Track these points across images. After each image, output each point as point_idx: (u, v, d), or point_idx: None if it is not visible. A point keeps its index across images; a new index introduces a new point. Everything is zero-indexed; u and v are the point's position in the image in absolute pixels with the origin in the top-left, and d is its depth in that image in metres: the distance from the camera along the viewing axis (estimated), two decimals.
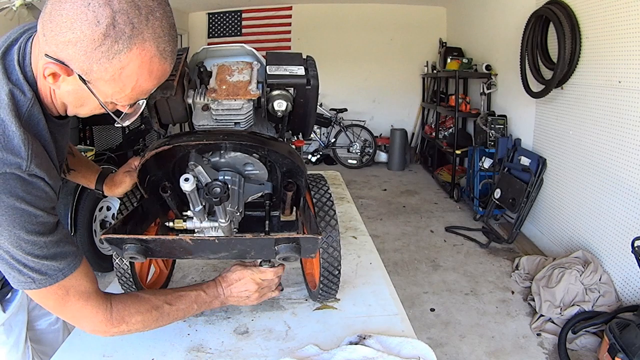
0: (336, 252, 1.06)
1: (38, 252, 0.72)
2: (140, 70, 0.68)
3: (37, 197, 0.71)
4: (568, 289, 2.59)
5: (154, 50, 0.67)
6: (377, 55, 7.15)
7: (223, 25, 7.28)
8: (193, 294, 0.97)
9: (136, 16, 0.64)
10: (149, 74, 0.69)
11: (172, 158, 0.96)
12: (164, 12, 0.68)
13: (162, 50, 0.68)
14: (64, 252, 0.76)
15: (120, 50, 0.64)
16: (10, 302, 1.02)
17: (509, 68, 4.32)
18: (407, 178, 6.29)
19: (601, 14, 2.83)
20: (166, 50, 0.69)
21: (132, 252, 0.84)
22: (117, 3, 0.62)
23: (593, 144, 2.97)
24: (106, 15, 0.62)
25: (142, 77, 0.69)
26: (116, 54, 0.64)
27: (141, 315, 0.87)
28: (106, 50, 0.64)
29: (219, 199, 0.77)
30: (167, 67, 0.72)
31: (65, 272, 0.76)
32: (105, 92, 0.70)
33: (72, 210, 2.86)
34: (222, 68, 1.02)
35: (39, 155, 0.71)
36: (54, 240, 0.74)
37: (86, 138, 3.90)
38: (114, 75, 0.67)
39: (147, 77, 0.69)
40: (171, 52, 0.71)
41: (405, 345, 1.03)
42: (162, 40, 0.68)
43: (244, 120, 1.00)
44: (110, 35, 0.63)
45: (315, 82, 1.03)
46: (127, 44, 0.64)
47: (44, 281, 0.74)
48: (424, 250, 3.78)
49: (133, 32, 0.64)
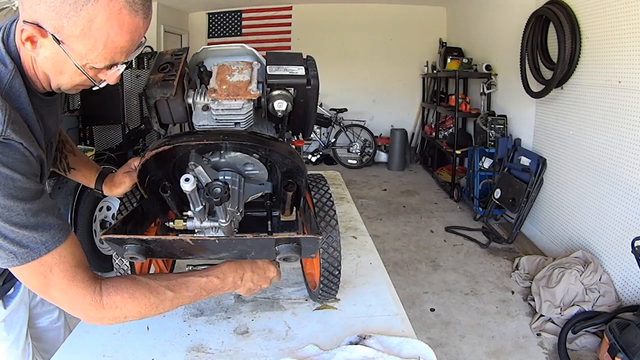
0: (336, 252, 1.06)
1: (17, 220, 0.68)
2: (109, 23, 0.67)
3: (15, 159, 0.69)
4: (568, 289, 2.59)
5: (122, 1, 0.66)
6: (377, 55, 7.15)
7: (223, 25, 7.28)
8: (203, 280, 0.89)
9: None
10: (119, 26, 0.68)
11: (172, 158, 0.96)
12: None
13: (131, 2, 0.67)
14: (47, 223, 0.72)
15: (86, 2, 0.64)
16: (11, 298, 1.02)
17: (509, 68, 4.32)
18: (407, 178, 6.29)
19: (601, 14, 2.83)
20: (136, 1, 0.68)
21: (132, 252, 0.84)
22: None
23: (593, 144, 2.97)
24: None
25: (112, 30, 0.68)
26: (84, 5, 0.64)
27: (136, 300, 0.80)
28: (73, 2, 0.64)
29: (219, 199, 0.77)
30: (139, 20, 0.70)
31: (49, 246, 0.72)
32: (79, 52, 0.70)
33: (72, 210, 2.86)
34: (222, 68, 1.02)
35: (16, 122, 0.70)
36: (35, 209, 0.70)
37: (86, 138, 3.90)
38: (83, 29, 0.67)
39: (117, 31, 0.68)
40: (142, 4, 0.69)
41: (406, 345, 1.03)
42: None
43: (244, 120, 0.99)
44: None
45: (316, 82, 1.03)
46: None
47: (26, 255, 0.70)
48: (424, 250, 3.78)
49: None
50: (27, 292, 1.09)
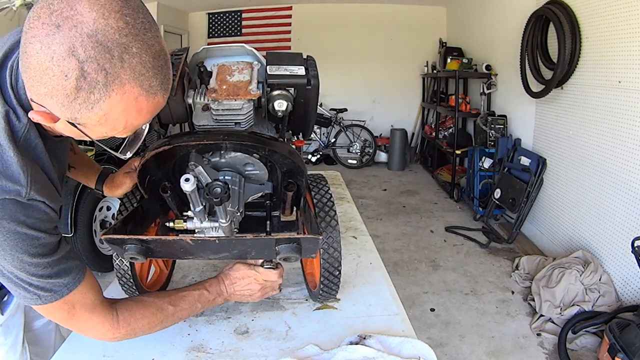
0: (336, 253, 1.06)
1: (42, 272, 0.73)
2: (126, 112, 0.62)
3: (38, 219, 0.71)
4: (568, 289, 2.59)
5: (137, 90, 0.61)
6: (377, 55, 7.15)
7: (223, 25, 7.28)
8: (196, 293, 0.98)
9: (107, 60, 0.57)
10: (137, 113, 0.63)
11: (172, 158, 0.96)
12: (143, 44, 0.60)
13: (147, 88, 0.61)
14: (68, 268, 0.77)
15: (98, 100, 0.59)
16: (8, 304, 1.02)
17: (509, 68, 4.32)
18: (407, 178, 6.29)
19: (601, 14, 2.83)
20: (152, 85, 0.62)
21: (133, 253, 0.84)
22: (82, 51, 0.55)
23: (593, 144, 2.97)
24: (72, 67, 0.56)
25: (130, 117, 0.64)
26: (95, 103, 0.59)
27: (147, 319, 0.89)
28: (83, 102, 0.59)
29: (219, 199, 0.77)
30: (159, 99, 0.65)
31: (70, 287, 0.77)
32: (98, 131, 0.66)
33: (72, 210, 2.86)
34: (223, 68, 1.02)
35: (38, 181, 0.70)
36: (57, 259, 0.75)
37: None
38: (100, 121, 0.63)
39: (136, 116, 0.64)
40: (160, 83, 0.63)
41: (406, 345, 1.03)
42: (145, 77, 0.60)
43: (244, 120, 1.00)
44: (82, 87, 0.57)
45: (316, 82, 1.03)
46: (104, 92, 0.58)
47: (50, 297, 0.75)
48: (424, 250, 3.77)
49: (107, 78, 0.58)
50: None
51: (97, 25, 0.56)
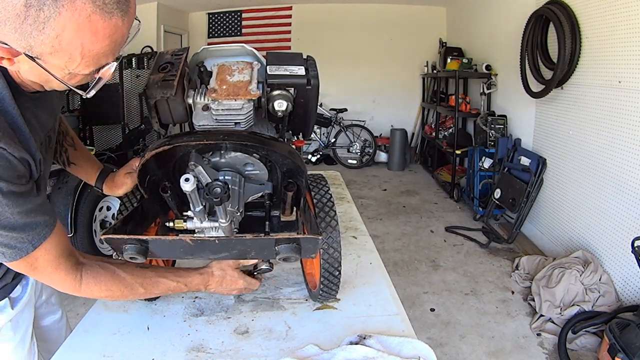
0: (336, 253, 1.06)
1: (5, 223, 0.70)
2: (80, 33, 0.59)
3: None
4: (568, 289, 2.59)
5: (89, 6, 0.57)
6: (377, 55, 7.15)
7: (223, 25, 7.28)
8: (172, 285, 0.98)
9: None
10: (93, 34, 0.59)
11: (172, 158, 0.96)
12: None
13: (101, 4, 0.58)
14: (33, 222, 0.74)
15: (48, 17, 0.56)
16: (18, 299, 1.02)
17: (509, 68, 4.32)
18: (407, 178, 6.29)
19: (601, 14, 2.83)
20: (107, 2, 0.58)
21: (132, 253, 0.84)
22: None
23: (593, 144, 2.97)
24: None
25: (85, 39, 0.59)
26: (45, 22, 0.56)
27: (111, 292, 0.88)
28: (33, 21, 0.56)
29: (219, 199, 0.77)
30: (117, 21, 0.61)
31: (35, 243, 0.75)
32: (58, 65, 0.63)
33: (72, 210, 2.86)
34: (223, 68, 1.02)
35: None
36: (21, 211, 0.71)
37: (86, 138, 3.90)
38: (54, 46, 0.59)
39: (92, 39, 0.60)
40: (116, 2, 0.60)
41: (406, 345, 1.03)
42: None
43: (244, 121, 1.00)
44: (32, 4, 0.55)
45: (316, 82, 1.03)
46: (54, 8, 0.56)
47: (14, 254, 0.73)
48: (424, 250, 3.78)
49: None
50: (33, 293, 1.09)
51: None
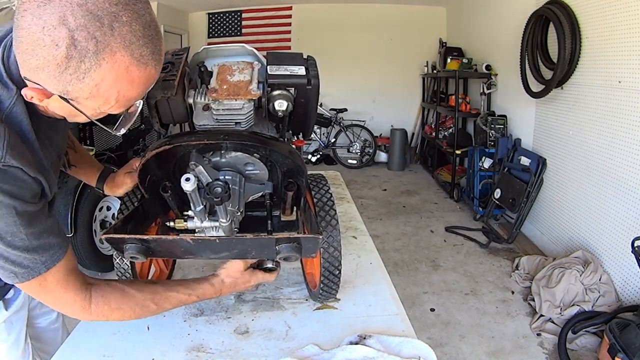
0: (337, 252, 1.07)
1: (19, 244, 0.71)
2: (118, 83, 0.62)
3: (15, 186, 0.69)
4: (568, 289, 2.59)
5: (128, 59, 0.61)
6: (377, 55, 7.15)
7: (223, 25, 7.28)
8: (184, 297, 0.96)
9: (98, 28, 0.58)
10: (129, 83, 0.64)
11: (173, 158, 0.96)
12: (133, 13, 0.60)
13: (138, 57, 0.62)
14: (47, 244, 0.75)
15: (89, 69, 0.59)
16: (13, 300, 1.02)
17: (509, 68, 4.32)
18: (407, 178, 6.29)
19: (601, 14, 2.83)
20: (144, 54, 0.62)
21: (133, 252, 0.84)
22: (72, 20, 0.56)
23: (593, 144, 2.97)
24: (63, 36, 0.56)
25: (122, 88, 0.64)
26: (86, 73, 0.59)
27: (122, 311, 0.86)
28: (73, 71, 0.59)
29: (220, 198, 0.77)
30: (151, 70, 0.65)
31: (48, 265, 0.75)
32: (90, 107, 0.66)
33: (72, 210, 2.86)
34: (223, 68, 1.02)
35: (15, 148, 0.68)
36: (36, 232, 0.72)
37: (86, 138, 3.89)
38: (91, 93, 0.63)
39: (128, 87, 0.64)
40: (151, 53, 0.63)
41: (406, 345, 1.03)
42: (135, 46, 0.61)
43: (244, 120, 1.00)
44: (73, 56, 0.58)
45: (316, 82, 1.03)
46: (95, 60, 0.59)
47: (27, 274, 0.73)
48: (424, 250, 3.78)
49: (98, 46, 0.58)
50: (27, 294, 1.09)
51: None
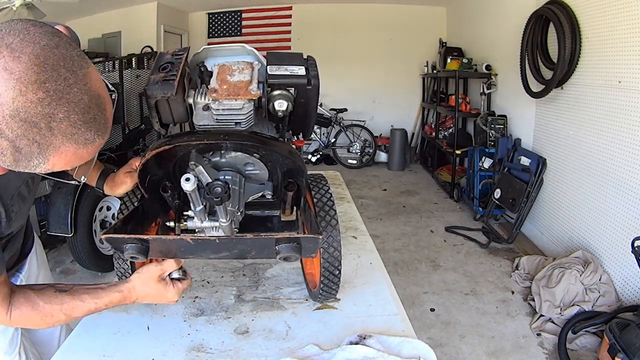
0: (337, 252, 1.07)
1: None
2: (69, 164, 0.64)
3: None
4: (568, 289, 2.59)
5: (73, 147, 0.62)
6: (377, 55, 7.15)
7: (223, 25, 7.28)
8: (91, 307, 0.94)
9: (37, 133, 0.58)
10: (79, 159, 0.65)
11: (173, 158, 0.96)
12: (68, 105, 0.59)
13: (83, 142, 0.62)
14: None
15: (38, 165, 0.61)
16: None
17: (509, 68, 4.32)
18: (407, 178, 6.29)
19: (601, 14, 2.83)
20: (88, 138, 0.63)
21: (133, 252, 0.84)
22: (9, 132, 0.57)
23: (593, 144, 2.97)
24: (5, 146, 0.58)
25: (75, 163, 0.65)
26: (36, 167, 0.61)
27: (34, 322, 0.90)
28: (25, 168, 0.61)
29: (220, 198, 0.77)
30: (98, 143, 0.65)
31: None
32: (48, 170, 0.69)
33: (72, 210, 2.86)
34: (223, 68, 1.02)
35: None
36: None
37: None
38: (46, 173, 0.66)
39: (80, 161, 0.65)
40: (95, 133, 0.63)
41: (406, 345, 1.03)
42: (78, 135, 0.61)
43: (244, 120, 1.00)
44: (20, 159, 0.59)
45: (316, 82, 1.03)
46: (42, 158, 0.61)
47: None
48: (424, 250, 3.78)
49: (41, 148, 0.59)
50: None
51: (17, 104, 0.55)
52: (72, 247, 2.99)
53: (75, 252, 3.01)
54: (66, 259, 3.40)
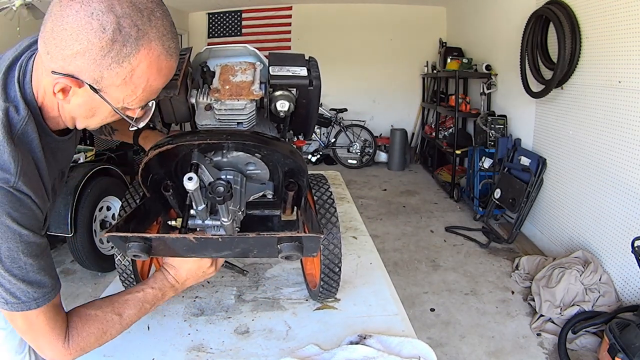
0: (337, 250, 1.07)
1: (17, 272, 0.71)
2: (149, 70, 0.70)
3: (24, 214, 0.71)
4: (568, 289, 2.59)
5: (160, 48, 0.69)
6: (377, 55, 7.15)
7: (223, 25, 7.28)
8: (140, 295, 0.92)
9: (139, 18, 0.66)
10: (157, 72, 0.71)
11: (175, 157, 0.96)
12: (163, 12, 0.70)
13: (167, 48, 0.70)
14: (43, 281, 0.75)
15: (129, 53, 0.66)
16: None
17: (509, 68, 4.32)
18: (407, 178, 6.29)
19: (601, 14, 2.83)
20: (171, 47, 0.71)
21: (136, 250, 0.84)
22: (119, 8, 0.64)
23: (593, 144, 2.98)
24: (111, 21, 0.63)
25: (152, 76, 0.71)
26: (125, 57, 0.66)
27: (93, 336, 0.85)
28: (115, 55, 0.65)
29: (222, 198, 0.77)
30: (173, 63, 0.73)
31: (39, 303, 0.75)
32: (117, 98, 0.72)
33: (72, 210, 2.86)
34: (226, 68, 1.02)
35: (27, 174, 0.71)
36: (36, 266, 0.73)
37: (86, 138, 3.90)
38: (125, 79, 0.69)
39: (156, 76, 0.71)
40: (175, 48, 0.73)
41: (406, 345, 1.04)
42: (166, 38, 0.70)
43: (246, 120, 1.00)
44: (117, 40, 0.65)
45: (318, 83, 1.04)
46: (135, 46, 0.66)
47: (16, 305, 0.73)
48: (424, 250, 3.78)
49: (139, 33, 0.66)
50: None
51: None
52: (72, 247, 3.00)
53: (75, 252, 3.01)
54: (66, 259, 3.40)
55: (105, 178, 3.26)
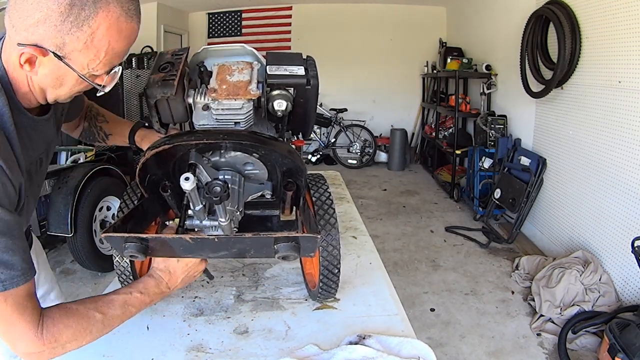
0: (335, 250, 1.07)
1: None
2: (109, 32, 0.71)
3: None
4: (568, 289, 2.59)
5: (118, 10, 0.70)
6: (377, 55, 7.15)
7: (223, 25, 7.28)
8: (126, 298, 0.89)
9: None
10: (118, 33, 0.72)
11: (172, 157, 0.96)
12: None
13: (126, 10, 0.71)
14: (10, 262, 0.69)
15: (88, 16, 0.68)
16: None
17: (509, 68, 4.32)
18: (407, 178, 6.29)
19: (601, 14, 2.83)
20: (130, 8, 0.72)
21: (133, 251, 0.84)
22: None
23: (593, 144, 2.97)
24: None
25: (112, 38, 0.72)
26: (85, 20, 0.68)
27: (71, 329, 0.78)
28: (74, 19, 0.67)
29: (219, 198, 0.77)
30: (135, 25, 0.74)
31: (6, 285, 0.69)
32: (81, 63, 0.72)
33: (72, 210, 2.86)
34: (223, 68, 1.02)
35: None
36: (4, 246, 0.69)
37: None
38: (86, 43, 0.70)
39: (117, 38, 0.72)
40: (135, 10, 0.74)
41: (405, 345, 1.03)
42: (125, 0, 0.71)
43: (244, 120, 1.00)
44: (75, 4, 0.66)
45: (315, 82, 1.04)
46: (93, 9, 0.68)
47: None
48: (424, 250, 3.77)
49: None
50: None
51: None
52: (72, 247, 3.00)
53: (75, 252, 3.01)
54: (66, 259, 3.40)
55: (105, 178, 3.26)
